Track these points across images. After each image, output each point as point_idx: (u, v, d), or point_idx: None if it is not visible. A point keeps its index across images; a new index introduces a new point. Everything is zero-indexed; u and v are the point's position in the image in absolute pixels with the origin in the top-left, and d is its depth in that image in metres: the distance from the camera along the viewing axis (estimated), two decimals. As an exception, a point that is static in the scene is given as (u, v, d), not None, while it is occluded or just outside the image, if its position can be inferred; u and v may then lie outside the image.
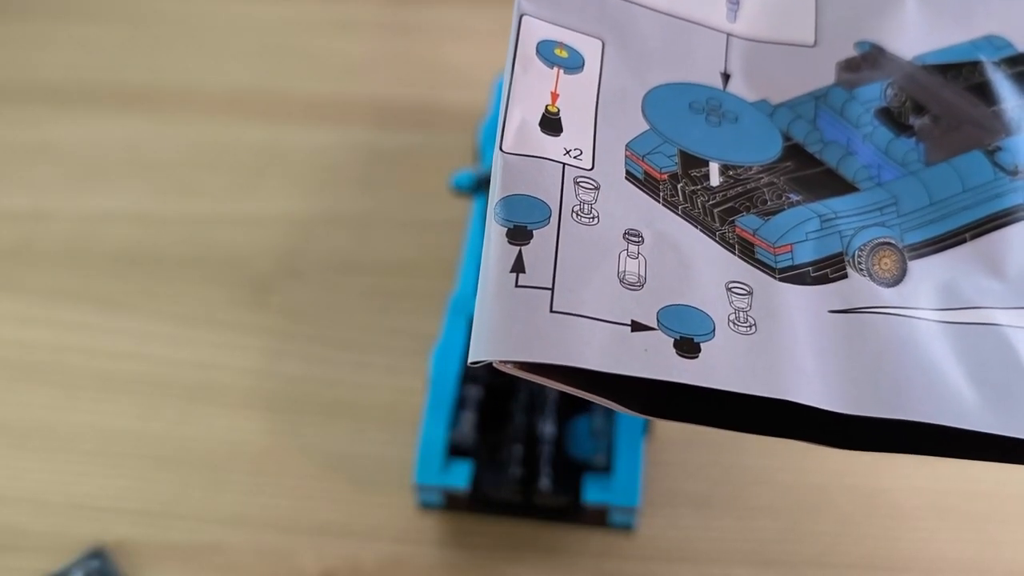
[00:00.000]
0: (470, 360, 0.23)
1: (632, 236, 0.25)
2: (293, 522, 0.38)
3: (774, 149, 0.29)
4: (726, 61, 0.30)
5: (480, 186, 0.41)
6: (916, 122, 0.29)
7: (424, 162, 0.48)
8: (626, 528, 0.37)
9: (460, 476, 0.36)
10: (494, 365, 0.23)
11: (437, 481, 0.36)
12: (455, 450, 0.37)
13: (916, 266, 0.27)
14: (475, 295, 0.24)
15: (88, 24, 0.55)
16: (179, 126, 0.50)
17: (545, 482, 0.36)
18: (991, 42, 0.31)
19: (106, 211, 0.47)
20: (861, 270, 0.27)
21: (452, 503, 0.37)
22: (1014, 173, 0.28)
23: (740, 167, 0.28)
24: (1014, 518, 0.38)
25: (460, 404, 0.38)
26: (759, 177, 0.28)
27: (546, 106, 0.27)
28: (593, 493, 0.36)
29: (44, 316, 0.44)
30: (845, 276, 0.27)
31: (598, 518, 0.37)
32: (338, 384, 0.42)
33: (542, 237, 0.24)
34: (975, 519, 0.38)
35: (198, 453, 0.40)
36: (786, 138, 0.29)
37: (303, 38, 0.54)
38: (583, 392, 0.24)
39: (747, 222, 0.27)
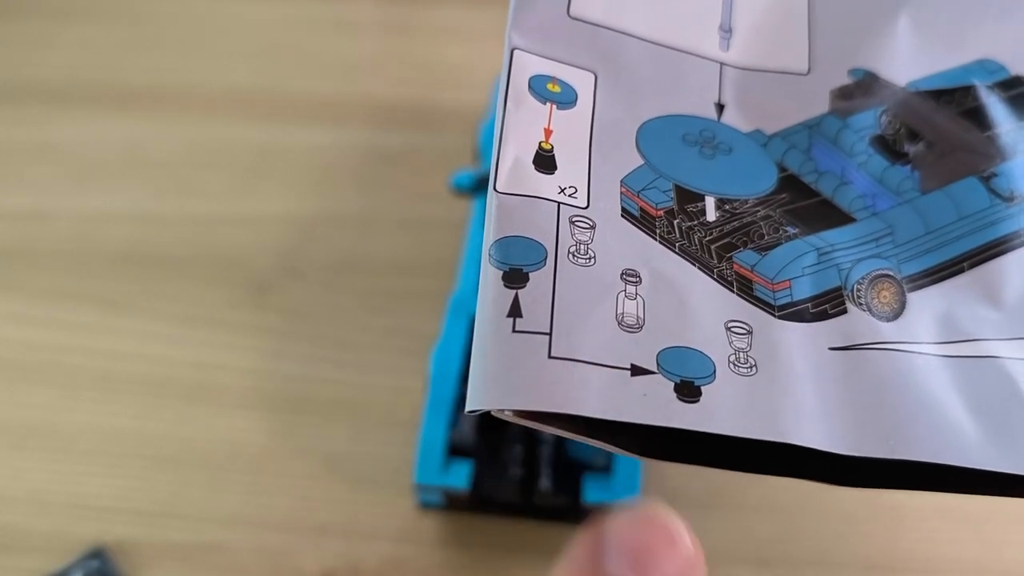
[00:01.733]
0: (467, 409, 0.23)
1: (630, 276, 0.25)
2: (293, 522, 0.38)
3: (769, 181, 0.28)
4: (719, 91, 0.29)
5: (480, 186, 0.41)
6: (911, 149, 0.29)
7: (424, 162, 0.48)
8: (626, 528, 0.37)
9: (460, 476, 0.36)
10: (492, 414, 0.23)
11: (437, 481, 0.36)
12: (455, 450, 0.37)
13: (915, 298, 0.27)
14: (475, 294, 0.24)
15: (88, 24, 0.55)
16: (179, 126, 0.50)
17: (545, 482, 0.36)
18: (984, 66, 0.30)
19: (106, 211, 0.47)
20: (860, 304, 0.26)
21: (452, 503, 0.37)
22: (1010, 199, 0.28)
23: (736, 200, 0.28)
24: (1014, 518, 0.38)
25: (460, 404, 0.38)
26: (755, 210, 0.28)
27: (540, 143, 0.26)
28: (593, 493, 0.36)
29: (44, 316, 0.44)
30: (844, 311, 0.26)
31: (598, 518, 0.37)
32: (338, 384, 0.42)
33: (538, 279, 0.24)
34: (975, 519, 0.38)
35: (198, 453, 0.40)
36: (781, 169, 0.29)
37: (303, 38, 0.54)
38: (582, 437, 0.23)
39: (745, 258, 0.27)
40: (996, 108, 0.29)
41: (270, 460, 0.39)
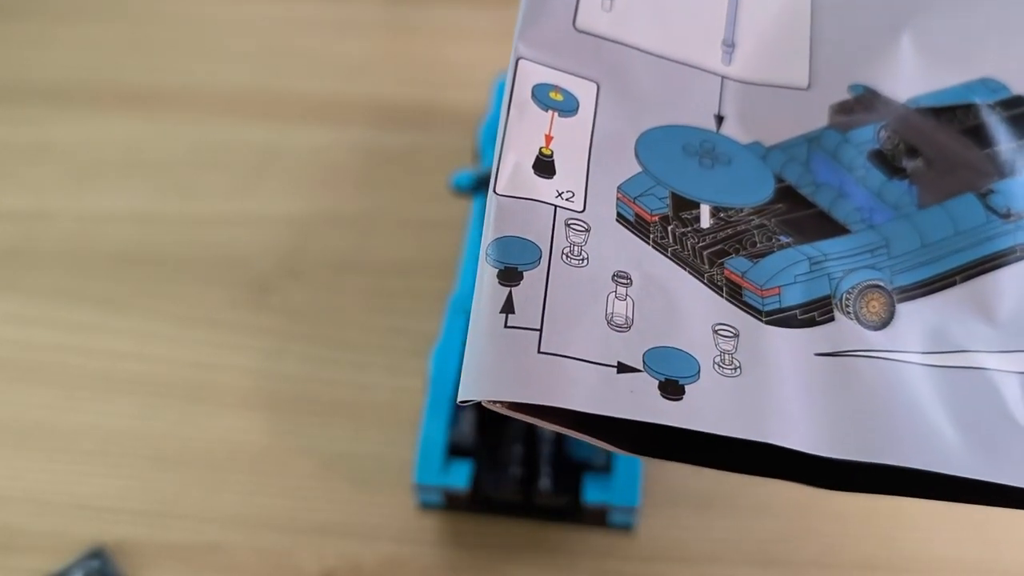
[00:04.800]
0: (459, 399, 0.23)
1: (621, 278, 0.26)
2: (293, 522, 0.38)
3: (766, 191, 0.29)
4: (720, 103, 0.30)
5: (480, 186, 0.41)
6: (909, 165, 0.29)
7: (424, 162, 0.48)
8: (626, 528, 0.37)
9: (460, 476, 0.36)
10: (483, 404, 0.23)
11: (437, 481, 0.36)
12: (455, 450, 0.37)
13: (905, 308, 0.27)
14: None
15: (88, 24, 0.55)
16: (179, 126, 0.50)
17: (545, 482, 0.36)
18: (986, 84, 0.31)
19: (106, 211, 0.47)
20: (848, 313, 0.27)
21: (452, 503, 0.37)
22: (1007, 216, 0.28)
23: (731, 209, 0.28)
24: (1014, 518, 0.38)
25: (460, 404, 0.38)
26: (750, 219, 0.28)
27: (540, 148, 0.27)
28: (593, 493, 0.36)
29: (44, 316, 0.44)
30: (832, 319, 0.27)
31: (598, 518, 0.37)
32: (338, 384, 0.42)
33: (532, 278, 0.25)
34: (975, 519, 0.38)
35: (198, 453, 0.40)
36: (779, 180, 0.29)
37: (303, 38, 0.54)
38: (572, 431, 0.24)
39: (736, 264, 0.27)
40: (997, 126, 0.30)
41: (270, 460, 0.39)
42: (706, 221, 0.28)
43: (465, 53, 0.53)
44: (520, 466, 0.37)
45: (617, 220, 0.27)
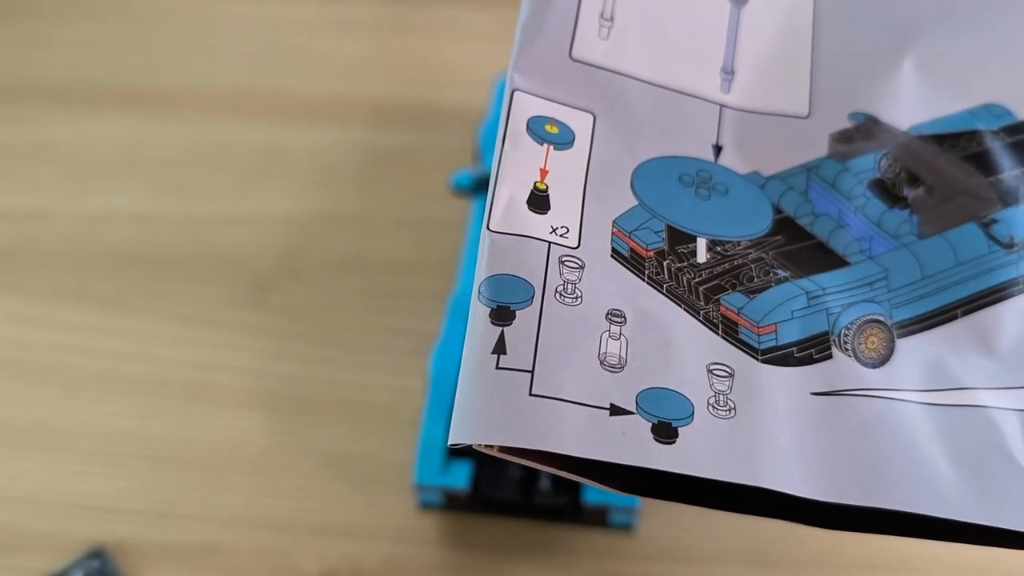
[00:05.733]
0: (449, 443, 0.23)
1: (615, 316, 0.25)
2: (293, 522, 0.38)
3: (764, 222, 0.28)
4: (718, 133, 0.29)
5: (480, 186, 0.41)
6: (910, 193, 0.29)
7: (424, 162, 0.48)
8: (626, 528, 0.37)
9: (460, 476, 0.36)
10: (474, 447, 0.23)
11: (437, 481, 0.36)
12: (455, 450, 0.37)
13: (904, 344, 0.27)
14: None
15: (88, 24, 0.55)
16: (179, 126, 0.50)
17: (545, 482, 0.36)
18: (990, 111, 0.30)
19: (106, 211, 0.47)
20: (847, 350, 0.26)
21: (452, 503, 0.37)
22: (1010, 246, 0.28)
23: (728, 242, 0.28)
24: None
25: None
26: (747, 252, 0.28)
27: (535, 183, 0.27)
28: (593, 493, 0.36)
29: (44, 316, 0.44)
30: (830, 356, 0.26)
31: (598, 518, 0.37)
32: (338, 384, 0.42)
33: (524, 318, 0.24)
34: (975, 519, 0.38)
35: (198, 453, 0.40)
36: (777, 210, 0.29)
37: (303, 38, 0.54)
38: (565, 472, 0.24)
39: (732, 300, 0.27)
40: (1000, 153, 0.29)
41: (270, 460, 0.39)
42: (703, 255, 0.27)
43: (465, 53, 0.53)
44: (520, 466, 0.37)
45: (612, 255, 0.27)
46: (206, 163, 0.49)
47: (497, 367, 0.24)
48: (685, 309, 0.26)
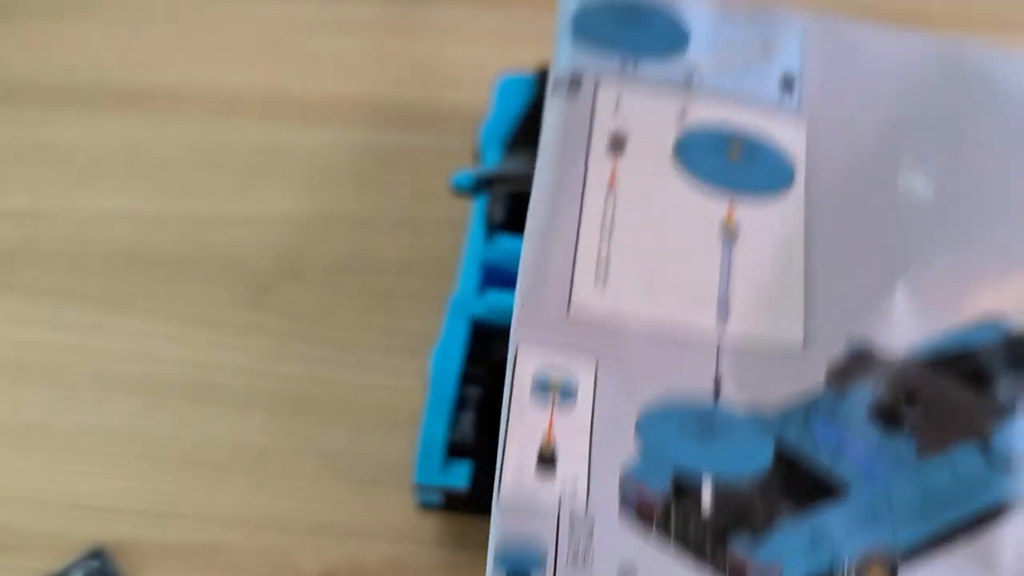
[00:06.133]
0: None
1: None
2: (293, 522, 0.38)
3: (765, 459, 0.29)
4: (716, 368, 0.30)
5: (480, 186, 0.41)
6: (908, 416, 0.29)
7: (424, 162, 0.48)
8: (626, 528, 0.37)
9: (460, 476, 0.36)
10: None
11: (437, 481, 0.36)
12: (455, 450, 0.37)
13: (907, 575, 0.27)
14: (475, 294, 0.24)
15: (88, 24, 0.55)
16: (179, 126, 0.50)
17: (545, 482, 0.36)
18: (983, 328, 0.31)
19: (106, 211, 0.47)
20: None
21: (452, 503, 0.37)
22: (1008, 461, 0.28)
23: (733, 481, 0.28)
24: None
25: (460, 404, 0.38)
26: (751, 490, 0.28)
27: (542, 444, 0.28)
28: (593, 493, 0.36)
29: (44, 316, 0.44)
30: None
31: (598, 518, 0.37)
32: (338, 384, 0.42)
33: None
34: (975, 519, 0.38)
35: (198, 453, 0.40)
36: (778, 444, 0.29)
37: (303, 38, 0.54)
38: None
39: (739, 545, 0.27)
40: (996, 368, 0.30)
41: (270, 460, 0.39)
42: (708, 497, 0.28)
43: (465, 53, 0.53)
44: (520, 466, 0.37)
45: (620, 508, 0.27)
46: (206, 163, 0.49)
47: None
48: (693, 558, 0.27)
